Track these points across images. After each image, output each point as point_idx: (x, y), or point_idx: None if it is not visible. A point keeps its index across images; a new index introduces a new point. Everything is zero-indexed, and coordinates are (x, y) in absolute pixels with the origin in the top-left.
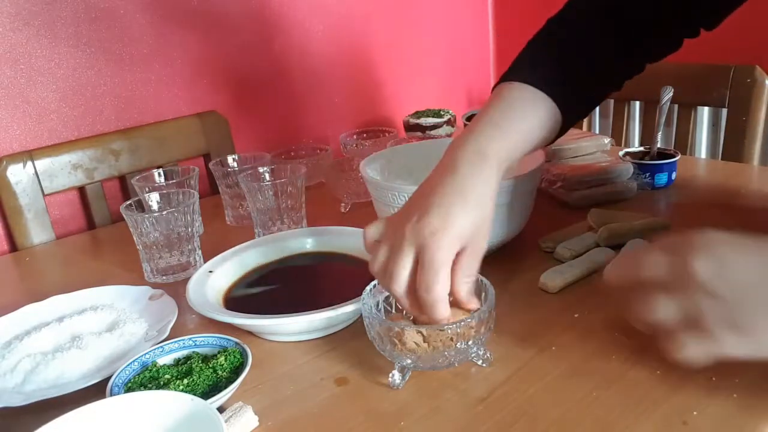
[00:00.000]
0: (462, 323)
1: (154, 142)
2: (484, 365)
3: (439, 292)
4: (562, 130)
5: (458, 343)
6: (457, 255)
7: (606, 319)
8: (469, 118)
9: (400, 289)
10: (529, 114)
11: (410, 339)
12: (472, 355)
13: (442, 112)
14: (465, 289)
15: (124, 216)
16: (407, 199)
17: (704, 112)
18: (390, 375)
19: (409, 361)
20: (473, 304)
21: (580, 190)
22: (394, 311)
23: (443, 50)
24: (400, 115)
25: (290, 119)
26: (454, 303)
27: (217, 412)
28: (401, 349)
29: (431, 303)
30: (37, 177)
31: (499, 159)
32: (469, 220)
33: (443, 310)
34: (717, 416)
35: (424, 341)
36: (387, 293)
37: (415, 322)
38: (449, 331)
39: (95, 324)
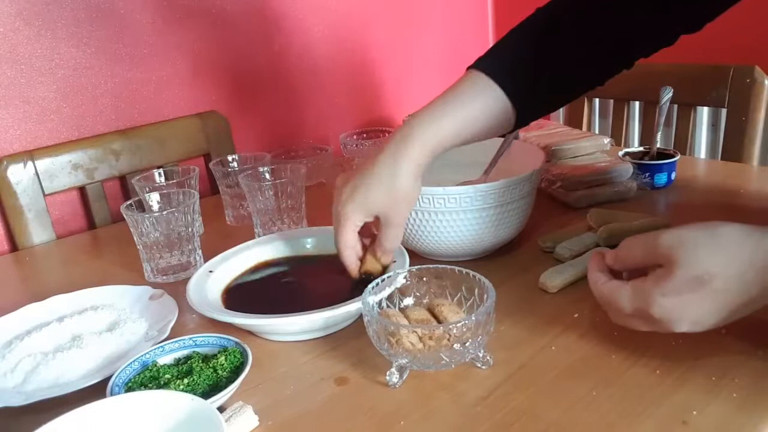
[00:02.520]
0: (458, 324)
1: (154, 142)
2: (483, 368)
3: (339, 242)
4: (519, 123)
5: (455, 345)
6: (379, 225)
7: (606, 319)
8: None
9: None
10: (472, 102)
11: (406, 338)
12: (471, 357)
13: None
14: (384, 258)
15: (124, 216)
16: None
17: (704, 113)
18: (387, 374)
19: (405, 361)
20: (386, 258)
21: (579, 190)
22: (396, 309)
23: (443, 50)
24: (400, 115)
25: (290, 119)
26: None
27: (218, 412)
28: (398, 349)
29: (338, 250)
30: (38, 177)
31: (424, 143)
32: (374, 194)
33: (346, 257)
34: (717, 416)
35: (420, 341)
36: (388, 292)
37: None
38: (443, 330)
39: (95, 324)
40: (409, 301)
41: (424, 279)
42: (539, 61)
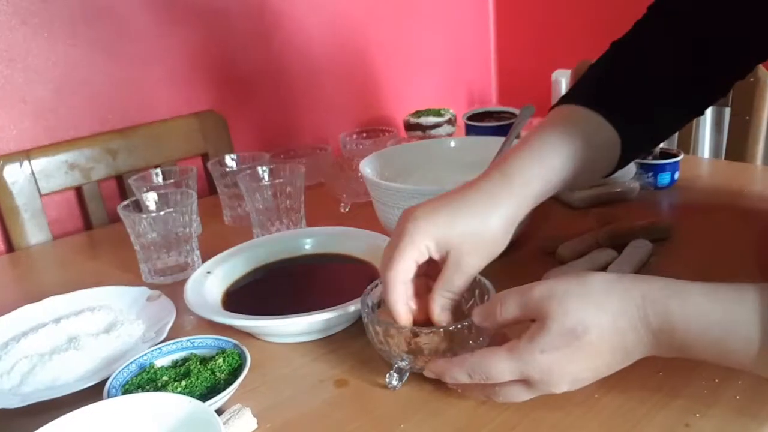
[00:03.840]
0: (458, 326)
1: (151, 142)
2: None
3: (389, 275)
4: (623, 160)
5: (456, 347)
6: (442, 264)
7: None
8: (471, 118)
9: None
10: (572, 141)
11: (404, 341)
12: None
13: (442, 112)
14: (438, 303)
15: (121, 216)
16: (406, 199)
17: (707, 112)
18: (387, 376)
19: (404, 363)
20: (442, 320)
21: (582, 191)
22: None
23: (444, 49)
24: (400, 114)
25: (289, 119)
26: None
27: (216, 415)
28: (397, 350)
29: (386, 285)
30: (34, 177)
31: (525, 184)
32: (460, 224)
33: (394, 296)
34: (719, 419)
35: (418, 344)
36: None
37: (415, 323)
38: (442, 333)
39: (92, 325)
40: None
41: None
42: (637, 91)
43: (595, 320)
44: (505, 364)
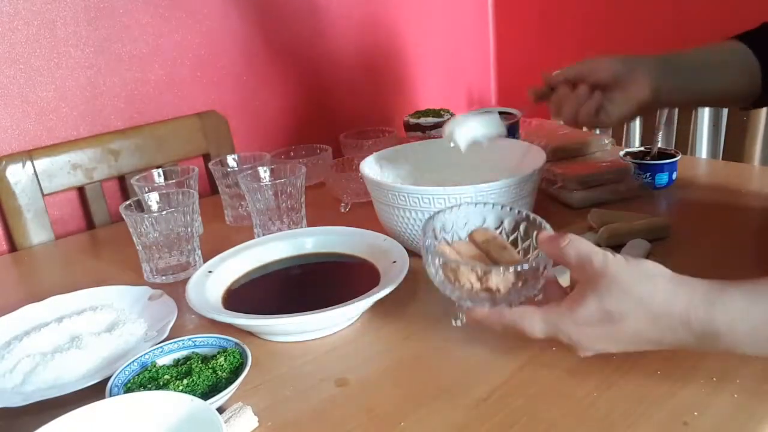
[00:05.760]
0: (524, 266)
1: (153, 142)
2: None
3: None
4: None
5: (514, 286)
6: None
7: None
8: None
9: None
10: (722, 51)
11: (465, 277)
12: (525, 298)
13: (442, 112)
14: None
15: (123, 216)
16: (406, 199)
17: (705, 112)
18: (452, 316)
19: (458, 295)
20: None
21: (580, 191)
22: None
23: (443, 50)
24: (400, 115)
25: (290, 119)
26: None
27: (217, 413)
28: (457, 286)
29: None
30: (37, 177)
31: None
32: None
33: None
34: (718, 417)
35: (478, 280)
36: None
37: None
38: (503, 272)
39: (94, 324)
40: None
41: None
42: None
43: (634, 313)
44: (538, 326)
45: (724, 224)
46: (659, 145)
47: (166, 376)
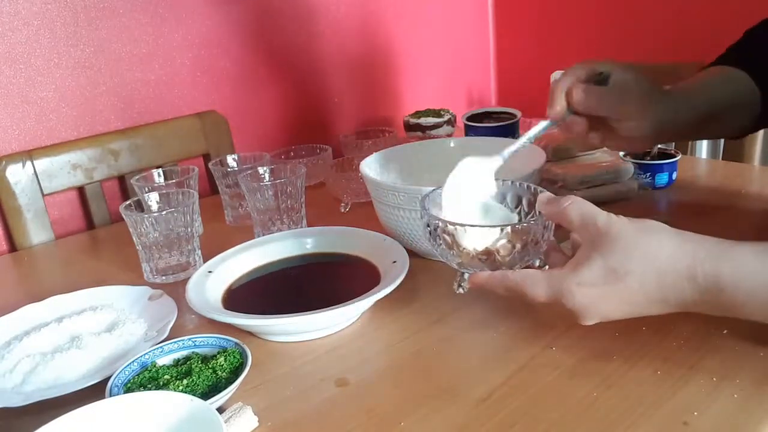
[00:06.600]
0: (524, 224)
1: (153, 142)
2: (543, 266)
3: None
4: (763, 117)
5: (516, 247)
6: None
7: None
8: (470, 118)
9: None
10: (721, 82)
11: (465, 242)
12: (527, 263)
13: (442, 112)
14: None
15: (123, 216)
16: (406, 199)
17: None
18: (454, 283)
19: (459, 261)
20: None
21: (580, 191)
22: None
23: (443, 50)
24: (400, 115)
25: (290, 119)
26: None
27: (217, 413)
28: (457, 252)
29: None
30: (37, 177)
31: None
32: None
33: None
34: (718, 417)
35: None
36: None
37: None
38: (504, 232)
39: (94, 324)
40: None
41: None
42: None
43: (639, 268)
44: (541, 288)
45: (724, 224)
46: (659, 145)
47: (166, 376)
